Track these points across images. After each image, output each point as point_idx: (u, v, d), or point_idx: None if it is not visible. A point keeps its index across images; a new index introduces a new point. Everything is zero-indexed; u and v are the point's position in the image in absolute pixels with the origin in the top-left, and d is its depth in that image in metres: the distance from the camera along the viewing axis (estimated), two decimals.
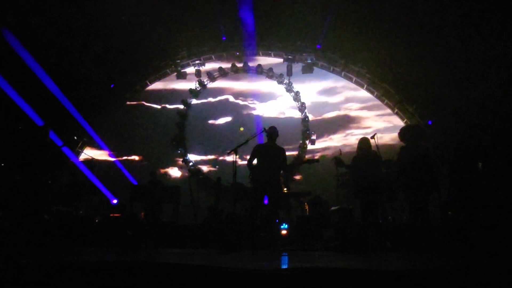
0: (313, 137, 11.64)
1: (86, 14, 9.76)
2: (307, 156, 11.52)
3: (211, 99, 12.61)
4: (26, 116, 9.66)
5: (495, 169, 6.54)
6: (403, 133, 6.05)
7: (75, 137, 11.74)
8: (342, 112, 12.16)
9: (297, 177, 11.55)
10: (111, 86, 12.16)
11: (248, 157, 6.41)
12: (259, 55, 12.42)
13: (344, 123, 12.07)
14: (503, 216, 5.68)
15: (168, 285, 2.35)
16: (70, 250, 4.93)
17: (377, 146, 6.45)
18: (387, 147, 6.06)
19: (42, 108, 10.04)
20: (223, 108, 12.48)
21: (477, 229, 5.52)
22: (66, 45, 10.25)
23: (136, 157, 12.35)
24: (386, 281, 2.29)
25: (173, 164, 12.10)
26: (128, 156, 12.38)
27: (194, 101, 12.58)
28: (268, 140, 6.34)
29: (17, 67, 9.49)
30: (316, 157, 10.38)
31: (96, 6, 9.61)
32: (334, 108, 12.20)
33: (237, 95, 12.52)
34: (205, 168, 12.02)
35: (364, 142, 6.47)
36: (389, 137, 11.14)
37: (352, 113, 12.11)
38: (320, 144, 11.86)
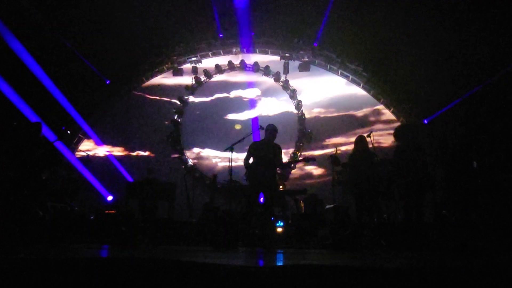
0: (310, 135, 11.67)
1: (83, 10, 9.71)
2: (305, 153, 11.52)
3: (207, 96, 12.58)
4: (20, 112, 9.61)
5: (490, 169, 6.58)
6: (397, 132, 6.07)
7: (68, 131, 11.67)
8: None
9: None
10: (107, 82, 12.10)
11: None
12: (256, 52, 12.39)
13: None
14: (498, 215, 5.72)
15: (163, 281, 2.35)
16: (65, 247, 4.92)
17: (373, 144, 6.48)
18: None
19: (36, 103, 9.99)
20: (220, 105, 12.45)
21: (472, 228, 5.55)
22: (62, 41, 10.20)
23: (132, 154, 12.30)
24: (380, 279, 2.29)
25: (169, 161, 12.06)
26: (123, 152, 12.35)
27: (190, 98, 12.54)
28: (265, 137, 6.34)
29: (11, 63, 9.43)
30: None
31: (93, 2, 9.57)
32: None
33: (233, 92, 12.49)
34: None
35: (360, 140, 6.49)
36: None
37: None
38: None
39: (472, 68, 9.35)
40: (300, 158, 10.34)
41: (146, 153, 12.20)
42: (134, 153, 12.29)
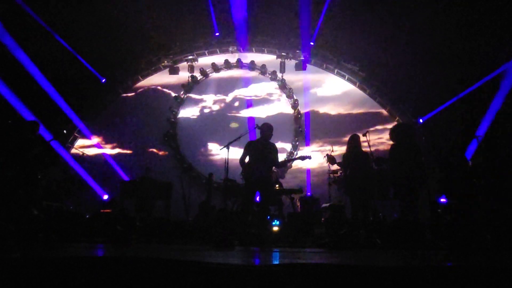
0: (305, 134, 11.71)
1: (78, 8, 9.67)
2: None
3: (204, 95, 12.57)
4: (15, 111, 9.57)
5: (485, 168, 6.62)
6: (393, 132, 6.08)
7: (64, 131, 11.63)
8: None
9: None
10: (103, 81, 12.06)
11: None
12: (252, 51, 12.39)
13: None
14: (493, 213, 5.75)
15: (159, 280, 2.35)
16: (60, 246, 4.90)
17: (368, 143, 6.49)
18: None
19: (32, 102, 9.95)
20: (216, 103, 12.44)
21: (467, 227, 5.58)
22: (58, 39, 10.15)
23: (128, 152, 12.27)
24: (376, 277, 2.30)
25: (165, 159, 12.04)
26: (119, 151, 12.31)
27: (186, 97, 12.52)
28: (261, 137, 6.34)
29: (7, 61, 9.38)
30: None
31: (89, 1, 9.54)
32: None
33: (230, 91, 12.48)
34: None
35: (354, 139, 6.50)
36: None
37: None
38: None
39: (468, 67, 9.40)
40: (295, 157, 10.35)
41: (142, 152, 12.16)
42: (130, 152, 12.25)
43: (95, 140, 12.37)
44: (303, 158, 6.91)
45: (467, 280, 2.32)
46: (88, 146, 12.36)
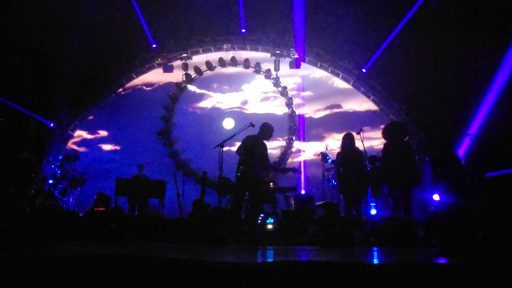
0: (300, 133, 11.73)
1: (72, 5, 9.60)
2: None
3: (198, 93, 12.53)
4: (9, 109, 9.50)
5: (478, 166, 6.68)
6: (385, 130, 6.11)
7: (58, 130, 11.57)
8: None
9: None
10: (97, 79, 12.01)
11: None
12: (247, 49, 12.37)
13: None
14: (485, 211, 5.80)
15: (152, 278, 2.35)
16: (53, 244, 4.87)
17: (362, 141, 6.52)
18: None
19: (25, 100, 9.87)
20: (210, 101, 12.42)
21: (459, 224, 5.62)
22: (51, 36, 10.08)
23: (122, 150, 12.21)
24: (369, 274, 2.32)
25: (160, 157, 12.00)
26: (113, 149, 12.26)
27: (180, 94, 12.48)
28: (259, 134, 6.36)
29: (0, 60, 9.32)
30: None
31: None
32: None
33: (224, 89, 12.46)
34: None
35: (347, 137, 6.52)
36: None
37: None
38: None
39: (463, 66, 9.46)
40: (288, 167, 10.35)
41: (136, 150, 12.10)
42: (124, 150, 12.19)
43: (89, 137, 12.31)
44: (294, 171, 6.93)
45: (459, 277, 2.34)
46: (81, 143, 12.30)
